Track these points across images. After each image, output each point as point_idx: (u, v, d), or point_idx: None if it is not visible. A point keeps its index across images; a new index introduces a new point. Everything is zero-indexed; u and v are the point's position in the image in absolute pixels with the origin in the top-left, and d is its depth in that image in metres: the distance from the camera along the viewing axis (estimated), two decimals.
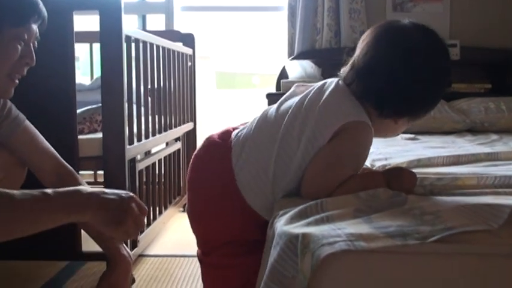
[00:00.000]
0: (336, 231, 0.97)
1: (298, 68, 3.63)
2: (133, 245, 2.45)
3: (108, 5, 2.13)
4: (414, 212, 1.07)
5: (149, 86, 2.70)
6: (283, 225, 1.08)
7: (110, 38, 2.17)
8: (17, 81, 1.58)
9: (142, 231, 1.30)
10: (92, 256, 2.41)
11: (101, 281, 1.76)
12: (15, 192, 1.12)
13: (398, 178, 1.32)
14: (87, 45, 3.80)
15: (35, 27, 1.58)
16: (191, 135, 3.76)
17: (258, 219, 1.42)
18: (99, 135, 2.29)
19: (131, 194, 1.23)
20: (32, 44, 1.60)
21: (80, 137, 2.30)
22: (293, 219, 1.10)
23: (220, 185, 1.45)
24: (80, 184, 1.71)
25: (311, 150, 1.34)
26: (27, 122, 1.79)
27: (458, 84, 3.64)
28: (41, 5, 1.58)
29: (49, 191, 1.15)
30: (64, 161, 1.87)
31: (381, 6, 3.86)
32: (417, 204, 1.12)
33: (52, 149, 1.84)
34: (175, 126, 3.22)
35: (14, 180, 1.76)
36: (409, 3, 3.85)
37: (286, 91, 3.51)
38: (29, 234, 1.15)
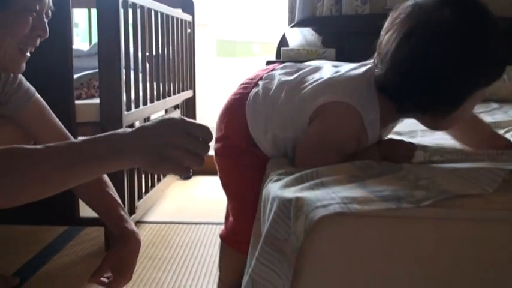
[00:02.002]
0: (330, 195, 0.97)
1: (298, 36, 3.59)
2: (131, 211, 2.46)
3: None
4: (409, 177, 1.06)
5: (147, 53, 2.68)
6: (277, 190, 1.07)
7: (106, 2, 2.15)
8: (29, 54, 1.50)
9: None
10: (90, 222, 2.42)
11: (110, 255, 1.59)
12: (37, 147, 1.03)
13: (393, 149, 1.30)
14: (86, 10, 3.76)
15: None
16: (190, 102, 3.75)
17: None
18: (97, 100, 2.28)
19: (175, 118, 1.05)
20: (44, 15, 1.51)
21: (77, 102, 2.29)
22: (287, 186, 1.09)
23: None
24: None
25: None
26: (37, 96, 1.73)
27: None
28: None
29: (76, 140, 1.06)
30: (71, 136, 1.80)
31: None
32: (412, 170, 1.11)
33: (60, 124, 1.77)
34: (174, 94, 3.20)
35: None
36: None
37: (286, 59, 3.50)
38: (61, 191, 1.05)
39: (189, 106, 3.74)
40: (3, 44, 1.41)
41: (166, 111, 3.32)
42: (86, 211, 2.40)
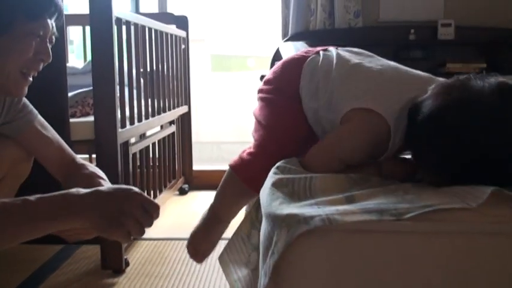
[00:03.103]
0: (316, 209, 0.98)
1: (292, 50, 3.60)
2: None
3: None
4: (398, 192, 1.07)
5: (141, 69, 2.68)
6: (270, 202, 1.08)
7: (100, 20, 2.16)
8: (31, 79, 1.51)
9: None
10: (87, 240, 2.40)
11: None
12: None
13: (394, 168, 1.31)
14: (81, 28, 3.77)
15: (50, 22, 1.49)
16: (185, 118, 3.75)
17: None
18: (91, 118, 2.28)
19: (134, 190, 1.13)
20: (49, 40, 1.51)
21: (72, 120, 2.30)
22: (282, 200, 1.10)
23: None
24: (85, 175, 1.59)
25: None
26: (39, 117, 1.74)
27: (453, 64, 3.63)
28: None
29: (31, 197, 1.09)
30: (70, 151, 1.80)
31: None
32: (403, 185, 1.12)
33: (60, 140, 1.78)
34: (169, 110, 3.21)
35: (20, 175, 1.73)
36: None
37: None
38: (9, 246, 1.10)
39: (184, 121, 3.75)
40: (6, 67, 1.41)
41: (161, 127, 3.32)
42: None
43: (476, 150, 1.09)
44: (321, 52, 1.53)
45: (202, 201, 3.48)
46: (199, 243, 1.79)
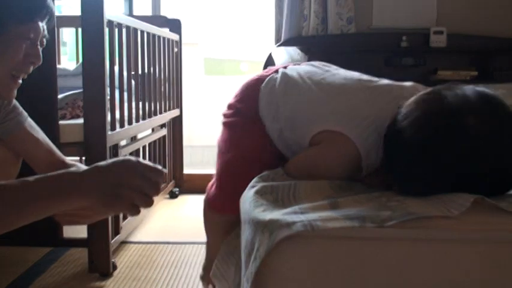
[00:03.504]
0: (298, 215, 0.98)
1: (284, 55, 3.61)
2: (116, 232, 2.45)
3: None
4: (381, 199, 1.07)
5: (133, 72, 2.68)
6: (253, 208, 1.08)
7: (91, 22, 2.15)
8: (21, 81, 1.50)
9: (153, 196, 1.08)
10: (74, 242, 2.41)
11: None
12: None
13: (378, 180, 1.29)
14: (74, 29, 3.77)
15: (42, 24, 1.48)
16: (177, 121, 3.75)
17: None
18: (81, 121, 2.28)
19: (131, 159, 1.08)
20: (39, 42, 1.50)
21: (61, 122, 2.29)
22: (265, 207, 1.10)
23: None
24: None
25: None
26: (29, 120, 1.74)
27: (444, 71, 3.65)
28: (49, 1, 1.46)
29: (30, 178, 1.06)
30: (59, 153, 1.80)
31: None
32: (387, 192, 1.12)
33: (49, 141, 1.77)
34: (160, 113, 3.20)
35: (7, 177, 1.71)
36: None
37: None
38: (12, 229, 1.05)
39: (176, 125, 3.75)
40: None
41: (152, 130, 3.32)
42: (70, 232, 2.40)
43: (461, 177, 1.07)
44: (280, 70, 1.50)
45: (192, 205, 3.47)
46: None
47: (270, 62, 3.75)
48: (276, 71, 1.51)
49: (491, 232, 0.96)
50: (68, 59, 4.53)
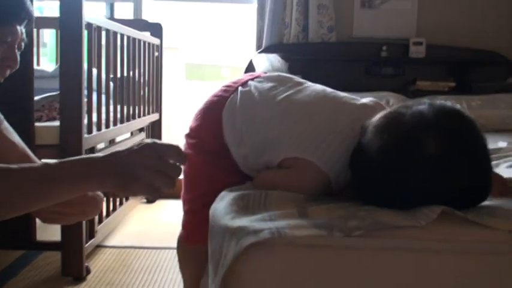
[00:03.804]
0: (267, 223, 0.98)
1: (265, 62, 3.62)
2: (91, 235, 2.43)
3: None
4: (351, 208, 1.08)
5: (112, 75, 2.67)
6: (220, 211, 1.08)
7: (69, 24, 2.14)
8: None
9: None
10: (47, 246, 2.38)
11: None
12: (12, 167, 1.02)
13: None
14: (54, 31, 3.74)
15: (20, 28, 1.46)
16: (156, 125, 3.74)
17: None
18: (57, 123, 2.26)
19: (146, 141, 1.05)
20: (17, 46, 1.48)
21: (37, 124, 2.27)
22: (235, 214, 1.10)
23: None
24: None
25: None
26: (5, 123, 1.71)
27: (423, 81, 3.68)
28: (28, 4, 1.41)
29: (52, 162, 1.03)
30: (35, 158, 1.77)
31: (349, 3, 3.87)
32: (358, 202, 1.13)
33: (24, 146, 1.75)
34: (139, 117, 3.19)
35: None
36: (377, 0, 3.87)
37: None
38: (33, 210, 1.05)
39: (155, 129, 3.73)
40: None
41: (132, 134, 3.30)
42: (43, 235, 2.37)
43: (422, 197, 1.08)
44: (239, 89, 1.47)
45: (169, 210, 3.46)
46: None
47: (250, 68, 3.76)
48: (236, 90, 1.47)
49: (456, 243, 0.97)
50: (48, 60, 4.49)
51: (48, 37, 4.56)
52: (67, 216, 1.35)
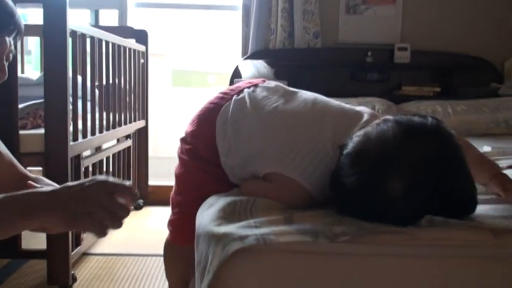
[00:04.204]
0: (253, 230, 0.98)
1: (251, 68, 3.62)
2: (76, 243, 2.41)
3: None
4: (337, 215, 1.08)
5: (97, 82, 2.66)
6: (206, 218, 1.08)
7: (53, 32, 2.13)
8: None
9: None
10: (32, 254, 2.37)
11: None
12: None
13: None
14: (39, 38, 3.72)
15: (8, 39, 1.45)
16: (143, 132, 3.73)
17: None
18: (42, 130, 2.25)
19: (99, 178, 1.05)
20: (6, 57, 1.47)
21: (21, 132, 2.26)
22: (221, 221, 1.10)
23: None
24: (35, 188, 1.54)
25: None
26: None
27: (408, 87, 3.70)
28: (17, 17, 1.40)
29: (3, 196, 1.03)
30: (22, 167, 1.75)
31: (334, 9, 3.89)
32: None
33: (9, 153, 1.73)
34: (125, 124, 3.18)
35: None
36: (362, 5, 3.89)
37: None
38: None
39: (141, 136, 3.72)
40: None
41: (118, 140, 3.29)
42: (29, 243, 2.36)
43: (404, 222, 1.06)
44: (234, 98, 1.48)
45: (156, 217, 3.45)
46: None
47: (236, 74, 3.77)
48: (232, 96, 1.49)
49: (442, 248, 0.98)
50: (33, 68, 4.48)
51: (33, 45, 4.54)
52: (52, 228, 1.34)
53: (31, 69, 4.41)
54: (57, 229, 1.29)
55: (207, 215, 1.12)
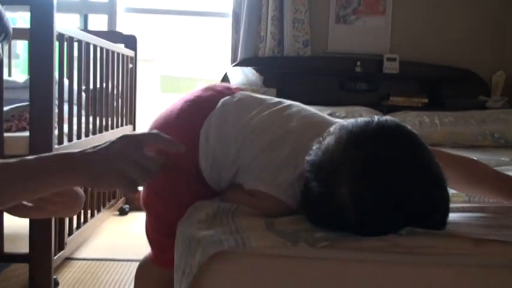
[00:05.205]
0: (233, 233, 0.98)
1: (240, 75, 3.63)
2: (60, 247, 2.39)
3: (40, 0, 2.08)
4: None
5: (84, 87, 2.65)
6: (191, 225, 1.08)
7: (40, 35, 2.12)
8: None
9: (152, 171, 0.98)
10: (15, 258, 2.34)
11: None
12: None
13: None
14: (27, 42, 3.71)
15: None
16: None
17: None
18: (27, 133, 2.23)
19: (127, 133, 1.02)
20: None
21: (6, 134, 2.24)
22: (202, 225, 1.09)
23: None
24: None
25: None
26: None
27: (396, 97, 3.72)
28: (6, 20, 1.40)
29: (29, 157, 0.99)
30: None
31: (324, 18, 3.91)
32: None
33: None
34: (112, 128, 3.17)
35: None
36: (352, 16, 3.91)
37: None
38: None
39: None
40: None
41: None
42: (11, 247, 2.33)
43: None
44: (211, 118, 1.37)
45: (142, 222, 3.42)
46: None
47: (225, 81, 3.77)
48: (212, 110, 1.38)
49: (422, 255, 0.98)
50: (21, 71, 4.45)
51: (21, 49, 4.52)
52: (49, 203, 1.30)
53: (19, 73, 4.39)
54: (37, 213, 1.26)
55: (188, 219, 1.12)
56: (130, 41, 3.65)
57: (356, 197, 0.99)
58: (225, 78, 3.79)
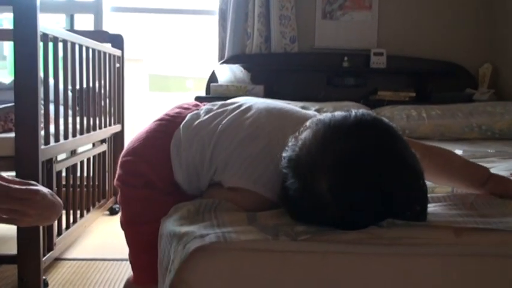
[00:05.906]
0: (214, 229, 0.98)
1: (227, 72, 3.63)
2: (49, 248, 2.39)
3: (23, 1, 2.08)
4: None
5: (70, 86, 2.64)
6: (173, 222, 1.08)
7: (24, 35, 2.12)
8: None
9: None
10: (3, 259, 2.34)
11: None
12: None
13: None
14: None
15: None
16: (118, 137, 3.71)
17: None
18: (13, 134, 2.23)
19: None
20: None
21: None
22: (184, 221, 1.09)
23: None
24: None
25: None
26: None
27: (384, 92, 3.73)
28: None
29: None
30: None
31: (311, 14, 3.91)
32: None
33: None
34: (100, 128, 3.16)
35: None
36: (338, 11, 3.91)
37: (216, 94, 3.53)
38: None
39: (117, 140, 3.70)
40: None
41: (93, 145, 3.27)
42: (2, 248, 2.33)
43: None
44: (181, 126, 1.38)
45: None
46: None
47: (213, 79, 3.77)
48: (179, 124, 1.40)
49: (403, 246, 0.98)
50: (8, 72, 4.44)
51: (8, 50, 4.51)
52: (24, 216, 1.30)
53: (6, 74, 4.37)
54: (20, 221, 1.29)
55: (170, 216, 1.12)
56: (117, 41, 3.64)
57: (336, 190, 0.99)
58: (213, 76, 3.79)
